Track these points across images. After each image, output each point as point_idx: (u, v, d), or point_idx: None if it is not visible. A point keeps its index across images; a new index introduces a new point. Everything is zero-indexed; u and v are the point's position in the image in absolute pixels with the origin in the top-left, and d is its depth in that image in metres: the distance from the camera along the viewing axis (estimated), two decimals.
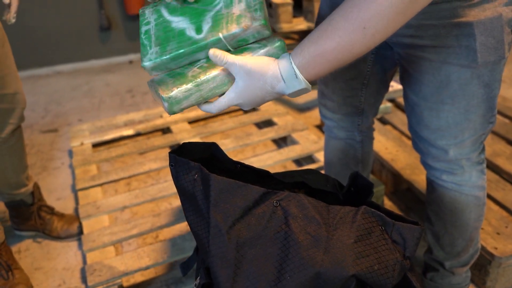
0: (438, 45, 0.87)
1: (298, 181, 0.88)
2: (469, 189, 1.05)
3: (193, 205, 0.79)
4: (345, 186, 0.89)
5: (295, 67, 0.70)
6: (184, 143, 0.86)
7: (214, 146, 0.89)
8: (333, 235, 0.69)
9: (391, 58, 1.06)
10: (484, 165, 1.06)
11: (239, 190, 0.73)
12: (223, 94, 0.76)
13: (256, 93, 0.73)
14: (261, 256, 0.70)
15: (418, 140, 1.04)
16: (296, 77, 0.70)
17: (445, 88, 0.91)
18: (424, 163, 1.08)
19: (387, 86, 1.16)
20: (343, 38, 0.67)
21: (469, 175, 1.04)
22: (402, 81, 1.02)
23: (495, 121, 0.99)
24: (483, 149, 1.04)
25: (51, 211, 1.63)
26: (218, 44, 0.75)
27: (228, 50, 0.75)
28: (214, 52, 0.73)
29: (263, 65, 0.72)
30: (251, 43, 0.76)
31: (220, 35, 0.74)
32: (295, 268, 0.68)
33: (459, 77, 0.89)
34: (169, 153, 0.83)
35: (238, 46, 0.76)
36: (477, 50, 0.85)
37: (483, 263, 1.28)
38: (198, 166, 0.78)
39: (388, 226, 0.71)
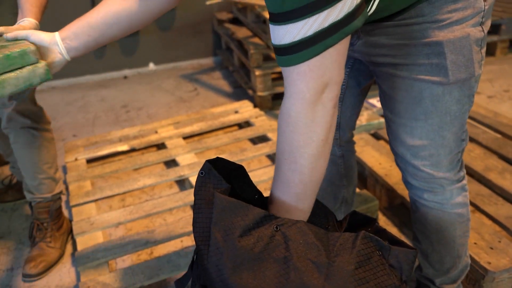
0: (410, 63, 0.91)
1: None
2: (451, 207, 1.06)
3: (206, 219, 0.79)
4: (343, 225, 0.88)
5: None
6: (218, 157, 0.85)
7: (241, 170, 0.88)
8: (334, 262, 0.69)
9: (366, 71, 1.09)
10: (465, 181, 1.07)
11: (240, 210, 0.72)
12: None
13: None
14: (257, 278, 0.69)
15: (396, 157, 1.06)
16: None
17: (418, 104, 0.94)
18: (406, 182, 1.09)
19: (362, 99, 1.19)
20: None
21: (450, 194, 1.05)
22: (380, 99, 1.05)
23: (467, 139, 1.02)
24: (461, 167, 1.05)
25: (42, 239, 1.59)
26: None
27: None
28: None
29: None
30: None
31: None
32: None
33: (431, 93, 0.92)
34: (206, 161, 0.82)
35: None
36: (448, 68, 0.89)
37: (477, 278, 1.28)
38: (228, 188, 0.78)
39: (385, 250, 0.71)
